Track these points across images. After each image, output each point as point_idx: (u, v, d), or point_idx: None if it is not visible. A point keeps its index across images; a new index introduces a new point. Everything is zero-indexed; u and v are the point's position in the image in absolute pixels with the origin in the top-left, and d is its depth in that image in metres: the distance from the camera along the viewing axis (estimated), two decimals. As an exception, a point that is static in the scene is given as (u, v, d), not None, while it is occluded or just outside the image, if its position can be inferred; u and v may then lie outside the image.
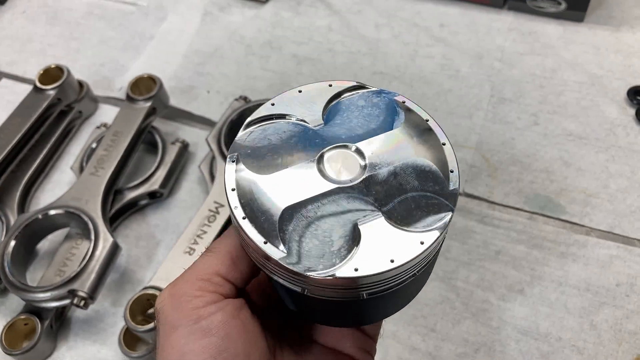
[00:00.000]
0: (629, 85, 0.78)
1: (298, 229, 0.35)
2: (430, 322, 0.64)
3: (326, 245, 0.34)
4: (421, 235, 0.34)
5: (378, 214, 0.35)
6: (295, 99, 0.40)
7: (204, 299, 0.35)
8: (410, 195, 0.36)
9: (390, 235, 0.34)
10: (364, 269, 0.33)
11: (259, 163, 0.37)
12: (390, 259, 0.33)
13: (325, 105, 0.39)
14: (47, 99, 0.77)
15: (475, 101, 0.79)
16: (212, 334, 0.33)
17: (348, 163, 0.37)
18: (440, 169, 0.37)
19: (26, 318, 0.64)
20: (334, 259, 0.34)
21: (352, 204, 0.36)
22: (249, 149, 0.37)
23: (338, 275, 0.33)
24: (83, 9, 0.97)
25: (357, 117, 0.39)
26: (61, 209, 0.67)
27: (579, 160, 0.73)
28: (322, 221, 0.35)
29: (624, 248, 0.66)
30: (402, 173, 0.37)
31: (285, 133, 0.38)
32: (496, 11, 0.87)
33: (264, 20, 0.91)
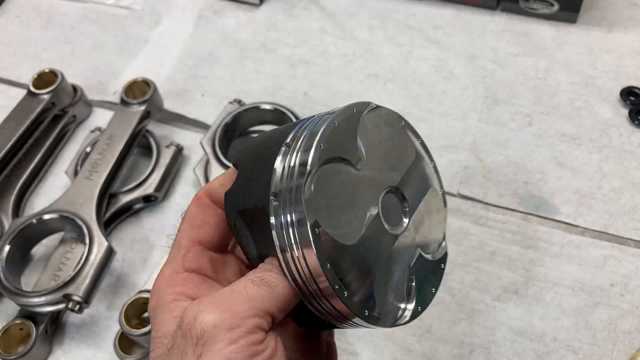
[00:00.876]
0: (621, 86, 0.78)
1: (367, 282, 0.37)
2: (425, 324, 0.64)
3: (392, 292, 0.39)
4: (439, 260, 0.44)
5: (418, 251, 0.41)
6: (335, 134, 0.38)
7: (258, 336, 0.33)
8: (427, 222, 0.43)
9: (427, 267, 0.42)
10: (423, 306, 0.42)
11: (337, 224, 0.36)
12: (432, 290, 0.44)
13: (356, 137, 0.39)
14: (41, 103, 0.77)
15: (469, 102, 0.79)
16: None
17: (397, 209, 0.40)
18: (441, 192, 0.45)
19: (21, 323, 0.64)
20: (400, 301, 0.40)
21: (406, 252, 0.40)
22: (322, 208, 0.35)
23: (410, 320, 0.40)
24: (77, 14, 0.97)
25: (381, 148, 0.40)
26: (55, 214, 0.67)
27: (573, 161, 0.73)
28: (385, 269, 0.38)
29: (617, 248, 0.66)
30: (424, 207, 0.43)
31: (342, 179, 0.37)
32: (489, 13, 0.88)
33: (258, 23, 0.91)
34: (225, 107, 0.77)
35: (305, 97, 0.82)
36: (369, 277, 0.37)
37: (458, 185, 0.72)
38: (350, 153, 0.38)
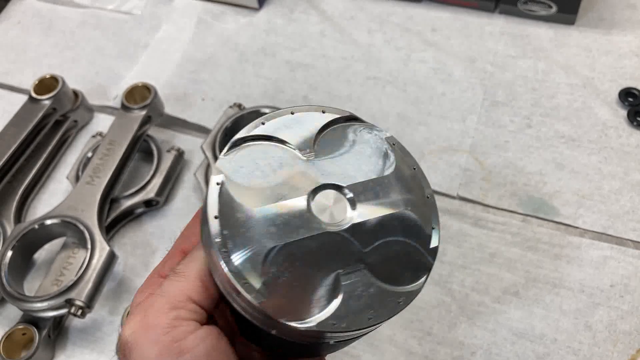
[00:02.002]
0: (620, 87, 0.78)
1: (280, 271, 0.33)
2: (426, 326, 0.64)
3: (307, 292, 0.33)
4: (400, 293, 0.34)
5: (361, 265, 0.34)
6: (287, 122, 0.38)
7: (183, 329, 0.33)
8: (395, 249, 0.35)
9: (370, 290, 0.34)
10: (342, 324, 0.32)
11: (246, 191, 0.35)
12: (368, 317, 0.33)
13: (317, 133, 0.38)
14: (42, 109, 0.77)
15: (469, 105, 0.79)
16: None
17: (338, 206, 0.36)
18: (423, 223, 0.36)
19: (24, 328, 0.64)
20: (313, 308, 0.33)
21: (337, 251, 0.34)
22: (236, 172, 0.35)
23: (316, 329, 0.32)
24: (77, 19, 0.97)
25: (348, 154, 0.38)
26: (57, 219, 0.68)
27: (572, 162, 0.73)
28: (304, 266, 0.34)
29: (617, 249, 0.66)
30: (389, 225, 0.36)
31: (275, 159, 0.36)
32: (487, 15, 0.88)
33: (257, 27, 0.91)
34: (225, 111, 0.77)
35: (305, 100, 0.83)
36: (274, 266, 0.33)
37: (457, 188, 0.72)
38: (297, 141, 0.37)
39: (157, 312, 0.33)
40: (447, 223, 0.70)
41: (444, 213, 0.71)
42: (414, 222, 0.36)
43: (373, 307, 0.33)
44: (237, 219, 0.34)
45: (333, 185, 0.36)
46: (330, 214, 0.35)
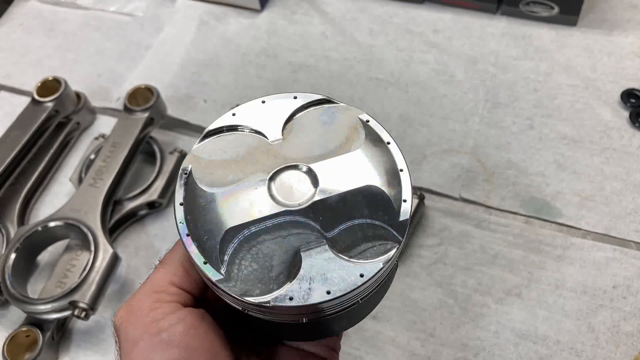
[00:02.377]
0: (622, 88, 0.78)
1: (239, 251, 0.34)
2: (429, 327, 0.64)
3: (265, 269, 0.33)
4: (362, 267, 0.33)
5: (322, 241, 0.34)
6: (258, 110, 0.39)
7: (162, 310, 0.34)
8: (358, 223, 0.34)
9: (330, 264, 0.33)
10: (299, 299, 0.32)
11: (210, 177, 0.36)
12: (326, 290, 0.33)
13: (287, 119, 0.38)
14: (45, 111, 0.77)
15: (471, 106, 0.79)
16: (174, 346, 0.33)
17: (299, 185, 0.36)
18: (394, 197, 0.35)
19: (28, 330, 0.64)
20: (272, 284, 0.33)
21: (297, 229, 0.34)
22: (203, 161, 0.36)
23: (272, 304, 0.32)
24: (79, 20, 0.97)
25: (317, 135, 0.38)
26: (61, 221, 0.68)
27: (574, 163, 0.73)
28: (265, 245, 0.34)
29: (619, 250, 0.67)
30: (352, 199, 0.35)
31: (242, 147, 0.37)
32: (489, 16, 0.88)
33: (259, 29, 0.92)
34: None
35: (307, 102, 0.83)
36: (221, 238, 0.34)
37: (460, 189, 0.73)
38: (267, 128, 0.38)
39: (140, 297, 0.35)
40: (449, 224, 0.70)
41: (446, 214, 0.71)
42: (381, 195, 0.35)
43: (332, 281, 0.33)
44: (199, 204, 0.35)
45: (296, 166, 0.36)
46: (291, 193, 0.35)
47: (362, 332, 0.65)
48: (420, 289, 0.67)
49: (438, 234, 0.70)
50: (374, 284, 0.35)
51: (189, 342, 0.33)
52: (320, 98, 0.39)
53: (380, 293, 0.39)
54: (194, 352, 0.33)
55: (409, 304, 0.66)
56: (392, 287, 0.67)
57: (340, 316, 0.35)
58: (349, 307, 0.35)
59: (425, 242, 0.70)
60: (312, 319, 0.35)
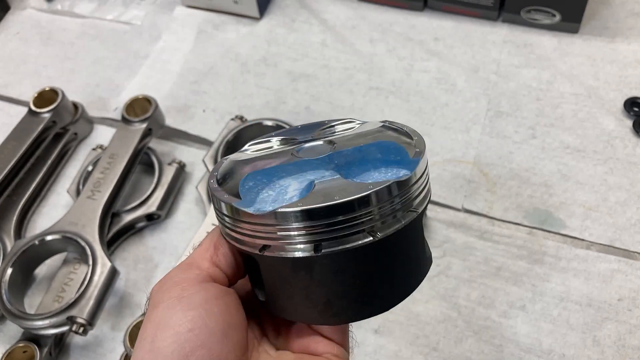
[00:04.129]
0: (625, 97, 0.77)
1: (258, 186, 0.36)
2: (432, 341, 0.63)
3: (280, 195, 0.35)
4: (373, 183, 0.34)
5: (336, 174, 0.35)
6: (293, 129, 0.44)
7: (190, 280, 0.36)
8: (372, 162, 0.37)
9: (342, 184, 0.34)
10: (306, 204, 0.33)
11: (243, 157, 0.41)
12: (335, 197, 0.32)
13: (318, 131, 0.43)
14: (42, 122, 0.76)
15: (472, 115, 0.79)
16: (193, 308, 0.34)
17: (320, 149, 0.39)
18: (406, 148, 0.37)
19: (25, 346, 0.63)
20: (284, 203, 0.34)
21: (314, 169, 0.36)
22: (243, 154, 0.41)
23: (280, 210, 0.33)
24: (77, 29, 0.97)
25: (343, 132, 0.41)
26: (58, 234, 0.67)
27: (578, 174, 0.72)
28: (283, 179, 0.36)
29: (624, 262, 0.66)
30: (366, 149, 0.37)
31: (278, 146, 0.42)
32: (490, 24, 0.87)
33: (258, 37, 0.91)
34: (227, 124, 0.76)
35: (307, 111, 0.82)
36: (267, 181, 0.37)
37: (462, 200, 0.72)
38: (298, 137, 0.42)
39: (175, 270, 0.37)
40: (452, 236, 0.69)
41: (449, 225, 0.70)
42: (394, 145, 0.37)
43: (340, 191, 0.33)
44: (230, 169, 0.39)
45: (319, 139, 0.40)
46: (312, 154, 0.38)
47: (364, 347, 0.64)
48: (424, 302, 0.66)
49: (441, 245, 0.69)
50: (390, 211, 0.34)
51: (208, 308, 0.34)
52: (346, 119, 0.43)
53: (408, 259, 0.37)
54: (211, 317, 0.34)
55: (412, 318, 0.65)
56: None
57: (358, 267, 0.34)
58: (363, 238, 0.33)
59: (428, 254, 0.69)
60: (326, 251, 0.33)
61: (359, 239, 0.33)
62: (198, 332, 0.33)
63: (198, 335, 0.33)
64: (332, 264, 0.34)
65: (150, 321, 0.35)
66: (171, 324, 0.34)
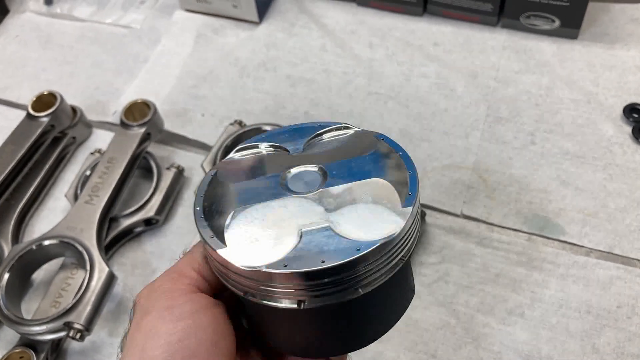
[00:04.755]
0: (624, 103, 0.77)
1: (243, 228, 0.35)
2: (430, 348, 0.63)
3: (267, 243, 0.34)
4: (360, 243, 0.33)
5: (324, 222, 0.35)
6: (285, 132, 0.42)
7: (179, 290, 0.36)
8: (362, 207, 0.36)
9: (329, 240, 0.34)
10: (293, 266, 0.33)
11: (231, 175, 0.39)
12: (321, 260, 0.33)
13: (310, 137, 0.41)
14: (40, 126, 0.76)
15: (472, 121, 0.79)
16: (182, 319, 0.35)
17: (310, 179, 0.38)
18: (399, 191, 0.36)
19: (21, 351, 0.63)
20: (271, 256, 0.34)
21: (302, 211, 0.36)
22: (227, 166, 0.40)
23: (265, 270, 0.33)
24: (76, 33, 0.96)
25: (334, 149, 0.40)
26: (56, 239, 0.67)
27: (577, 180, 0.72)
28: (268, 222, 0.36)
29: (624, 269, 0.66)
30: (358, 190, 0.37)
31: (267, 155, 0.41)
32: (490, 29, 0.87)
33: (257, 42, 0.91)
34: (226, 129, 0.76)
35: (306, 116, 0.82)
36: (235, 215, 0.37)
37: (461, 206, 0.72)
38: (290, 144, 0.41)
39: (161, 278, 0.37)
40: (451, 242, 0.69)
41: (447, 232, 0.70)
42: (386, 187, 0.37)
43: (328, 253, 0.33)
44: (216, 193, 0.38)
45: (309, 165, 0.39)
46: (301, 185, 0.38)
47: (363, 354, 0.63)
48: (422, 309, 0.65)
49: (439, 251, 0.69)
50: (376, 269, 0.34)
51: (197, 320, 0.35)
52: (340, 125, 0.42)
53: (391, 302, 0.38)
54: (200, 329, 0.35)
55: (411, 324, 0.65)
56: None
57: (344, 316, 0.36)
58: (350, 294, 0.34)
59: (427, 259, 0.68)
60: (311, 306, 0.34)
61: (343, 296, 0.34)
62: (188, 342, 0.34)
63: (188, 345, 0.34)
64: (316, 316, 0.36)
65: (140, 330, 0.35)
66: (161, 333, 0.34)
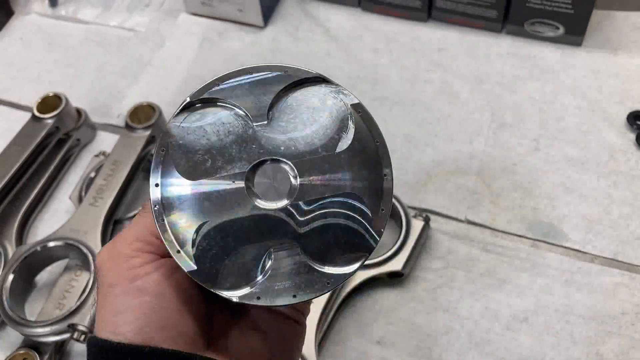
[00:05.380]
0: (628, 110, 0.78)
1: (211, 245, 0.34)
2: (434, 353, 0.63)
3: (236, 265, 0.34)
4: (330, 274, 0.34)
5: (294, 243, 0.34)
6: (245, 83, 0.37)
7: (140, 259, 0.36)
8: (334, 230, 0.35)
9: (300, 268, 0.34)
10: (266, 299, 0.34)
11: (187, 161, 0.35)
12: (293, 294, 0.34)
13: (274, 98, 0.36)
14: (45, 127, 0.76)
15: (476, 126, 0.79)
16: (147, 294, 0.35)
17: (279, 183, 0.35)
18: (371, 205, 0.35)
19: (25, 353, 0.63)
20: (242, 280, 0.34)
21: (271, 229, 0.35)
22: (181, 139, 0.35)
23: (239, 301, 0.34)
24: (80, 35, 0.96)
25: (304, 123, 0.36)
26: (61, 241, 0.67)
27: (581, 186, 0.72)
28: (237, 241, 0.35)
29: (628, 275, 0.66)
30: (330, 205, 0.35)
31: (224, 126, 0.36)
32: (494, 35, 0.88)
33: (262, 46, 0.91)
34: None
35: (311, 120, 0.82)
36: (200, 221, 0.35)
37: (466, 211, 0.72)
38: (252, 106, 0.36)
39: (123, 242, 0.36)
40: (455, 247, 0.69)
41: (452, 237, 0.70)
42: (360, 203, 0.35)
43: (300, 286, 0.34)
44: (175, 190, 0.35)
45: (277, 160, 0.36)
46: (269, 191, 0.35)
47: (367, 358, 0.63)
48: (426, 314, 0.65)
49: (444, 257, 0.69)
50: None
51: (161, 291, 0.35)
52: (313, 76, 0.37)
53: None
54: (165, 300, 0.35)
55: (414, 329, 0.65)
56: (397, 312, 0.66)
57: None
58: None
59: (431, 265, 0.69)
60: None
61: None
62: (155, 316, 0.35)
63: (155, 319, 0.35)
64: None
65: (107, 306, 0.35)
66: (130, 309, 0.34)
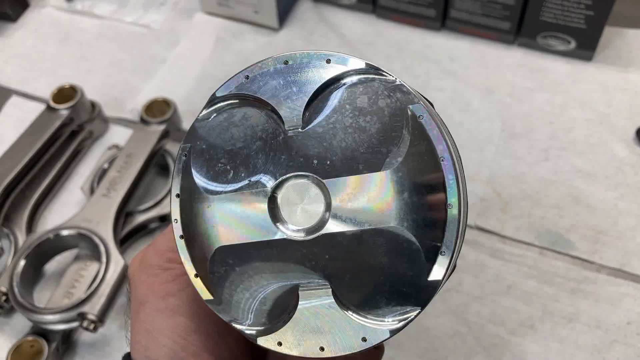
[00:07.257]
0: (636, 125, 0.79)
1: (230, 273, 0.30)
2: (441, 356, 0.64)
3: (258, 301, 0.30)
4: (367, 329, 0.28)
5: (325, 284, 0.29)
6: (278, 75, 0.31)
7: (173, 272, 0.34)
8: (372, 274, 0.29)
9: (330, 314, 0.29)
10: (288, 346, 0.29)
11: (208, 167, 0.31)
12: (320, 347, 0.29)
13: (312, 96, 0.30)
14: (60, 118, 0.77)
15: (486, 135, 0.80)
16: (181, 313, 0.32)
17: (308, 205, 0.30)
18: (426, 247, 0.28)
19: (33, 340, 0.63)
20: (264, 318, 0.30)
21: (298, 263, 0.29)
22: (205, 142, 0.32)
23: (259, 343, 0.29)
24: (95, 30, 0.97)
25: (345, 130, 0.29)
26: (73, 230, 0.67)
27: (589, 197, 0.73)
28: (259, 273, 0.30)
29: (634, 286, 0.66)
30: (369, 241, 0.28)
31: (252, 129, 0.31)
32: (506, 47, 0.89)
33: (276, 48, 0.92)
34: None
35: (322, 123, 0.83)
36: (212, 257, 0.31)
37: (475, 217, 0.72)
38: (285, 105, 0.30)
39: (154, 252, 0.34)
40: (464, 253, 0.70)
41: (460, 242, 0.71)
42: (408, 242, 0.28)
43: (329, 337, 0.28)
44: (193, 201, 0.31)
45: (308, 176, 0.30)
46: (297, 213, 0.30)
47: None
48: (434, 317, 0.66)
49: (452, 261, 0.69)
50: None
51: (195, 310, 0.33)
52: (362, 68, 0.30)
53: None
54: (200, 321, 0.33)
55: (422, 331, 0.65)
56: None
57: None
58: None
59: (439, 269, 0.69)
60: None
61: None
62: (191, 339, 0.32)
63: (192, 342, 0.32)
64: None
65: (140, 324, 0.33)
66: (163, 331, 0.32)
